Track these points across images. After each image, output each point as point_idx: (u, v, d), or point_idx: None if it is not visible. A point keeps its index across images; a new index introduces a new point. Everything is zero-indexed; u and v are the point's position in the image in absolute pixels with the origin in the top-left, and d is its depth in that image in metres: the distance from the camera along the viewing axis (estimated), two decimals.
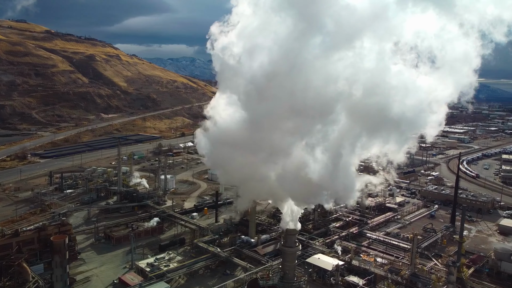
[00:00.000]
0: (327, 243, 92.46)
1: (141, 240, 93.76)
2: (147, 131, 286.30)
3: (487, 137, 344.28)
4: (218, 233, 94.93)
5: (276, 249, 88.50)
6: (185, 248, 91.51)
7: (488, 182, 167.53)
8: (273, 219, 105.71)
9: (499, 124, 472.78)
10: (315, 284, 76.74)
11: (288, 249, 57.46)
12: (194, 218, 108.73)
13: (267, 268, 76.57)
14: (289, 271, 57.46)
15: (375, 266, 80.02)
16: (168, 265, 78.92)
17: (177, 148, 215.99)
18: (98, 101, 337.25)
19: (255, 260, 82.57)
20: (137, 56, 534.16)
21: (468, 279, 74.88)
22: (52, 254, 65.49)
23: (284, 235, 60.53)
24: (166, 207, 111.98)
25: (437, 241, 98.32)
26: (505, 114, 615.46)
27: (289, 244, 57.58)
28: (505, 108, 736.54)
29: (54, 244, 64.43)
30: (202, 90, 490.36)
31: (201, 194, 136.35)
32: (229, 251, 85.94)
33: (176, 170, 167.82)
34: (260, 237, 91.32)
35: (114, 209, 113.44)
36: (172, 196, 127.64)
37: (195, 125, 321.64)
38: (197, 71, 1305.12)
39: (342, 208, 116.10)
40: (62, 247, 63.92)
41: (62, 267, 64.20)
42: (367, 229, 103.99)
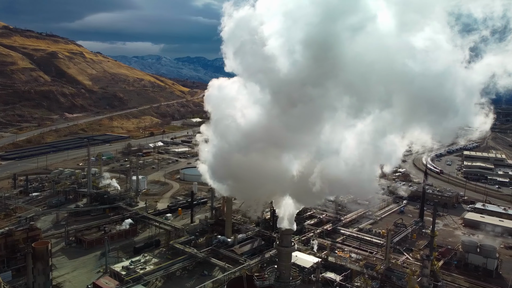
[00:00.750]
0: (303, 240, 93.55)
1: (114, 243, 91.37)
2: (115, 131, 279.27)
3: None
4: (194, 234, 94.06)
5: (253, 248, 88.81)
6: (160, 250, 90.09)
7: (452, 178, 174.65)
8: (248, 218, 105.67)
9: None
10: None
11: (284, 249, 57.48)
12: (168, 219, 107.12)
13: (245, 268, 76.77)
14: (285, 271, 57.71)
15: (350, 262, 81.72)
16: (144, 268, 77.42)
17: (147, 148, 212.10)
18: (61, 100, 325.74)
19: (232, 260, 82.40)
20: (102, 54, 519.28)
21: (439, 271, 77.72)
22: (33, 261, 62.62)
23: (279, 235, 60.43)
24: (139, 209, 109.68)
25: (408, 236, 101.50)
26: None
27: (285, 244, 57.56)
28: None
29: (36, 250, 61.72)
30: (170, 89, 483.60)
31: (174, 195, 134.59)
32: (206, 251, 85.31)
33: (147, 170, 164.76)
34: (236, 237, 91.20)
35: (84, 212, 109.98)
36: (145, 197, 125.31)
37: (164, 124, 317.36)
38: (163, 69, 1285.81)
39: (316, 206, 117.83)
40: (45, 254, 61.37)
41: (45, 274, 61.60)
42: (340, 225, 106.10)
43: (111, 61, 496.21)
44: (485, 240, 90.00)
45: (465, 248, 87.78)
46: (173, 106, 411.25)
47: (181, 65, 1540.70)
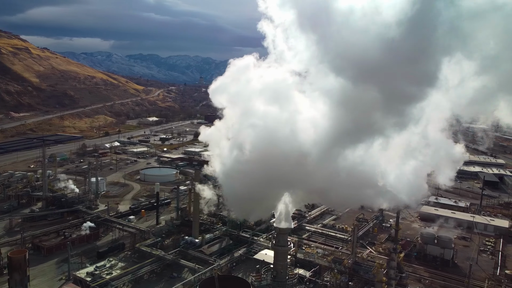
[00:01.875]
0: (270, 238, 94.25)
1: (75, 248, 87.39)
2: (67, 131, 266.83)
3: None
4: (160, 236, 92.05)
5: (222, 248, 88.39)
6: (125, 254, 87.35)
7: None
8: (215, 218, 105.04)
9: None
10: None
11: (281, 248, 57.45)
12: (132, 221, 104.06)
13: (215, 268, 76.25)
14: (282, 270, 57.75)
15: (318, 257, 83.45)
16: (110, 273, 74.72)
17: (103, 148, 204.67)
18: (6, 98, 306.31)
19: (201, 260, 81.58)
20: (49, 50, 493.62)
21: (402, 263, 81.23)
22: (9, 271, 58.37)
23: (276, 234, 60.29)
24: (101, 211, 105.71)
25: (369, 230, 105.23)
26: None
27: (281, 243, 57.55)
28: None
29: (12, 260, 57.48)
30: (124, 87, 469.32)
31: (136, 196, 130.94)
32: (174, 253, 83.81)
33: (105, 171, 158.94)
34: (204, 237, 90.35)
35: (40, 217, 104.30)
36: (104, 199, 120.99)
37: (119, 124, 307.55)
38: (114, 66, 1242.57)
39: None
40: (22, 263, 57.25)
41: (23, 285, 57.58)
42: (305, 222, 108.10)
43: (60, 58, 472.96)
44: (441, 232, 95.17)
45: (423, 240, 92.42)
46: (127, 104, 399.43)
47: (133, 63, 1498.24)
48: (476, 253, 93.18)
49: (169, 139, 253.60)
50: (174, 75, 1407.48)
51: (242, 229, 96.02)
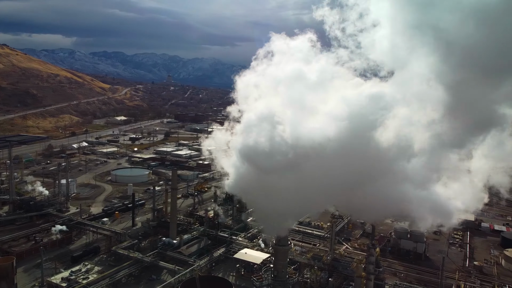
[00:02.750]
0: (249, 237, 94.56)
1: (47, 253, 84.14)
2: (30, 131, 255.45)
3: None
4: (137, 238, 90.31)
5: (201, 248, 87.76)
6: (101, 257, 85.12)
7: None
8: (192, 218, 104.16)
9: None
10: (244, 278, 78.08)
11: (282, 247, 57.33)
12: (106, 223, 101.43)
13: (195, 269, 75.71)
14: (283, 270, 57.71)
15: (296, 255, 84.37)
16: (87, 278, 72.70)
17: (71, 148, 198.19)
18: None
19: (180, 261, 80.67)
20: (8, 46, 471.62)
21: (379, 258, 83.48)
22: None
23: (276, 234, 60.07)
24: (72, 214, 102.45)
25: (345, 227, 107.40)
26: None
27: (282, 243, 57.43)
28: None
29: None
30: (89, 85, 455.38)
31: (108, 198, 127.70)
32: (152, 255, 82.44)
33: (74, 173, 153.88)
34: (182, 238, 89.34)
35: (7, 221, 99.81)
36: (75, 202, 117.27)
37: (85, 123, 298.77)
38: (77, 64, 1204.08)
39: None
40: (10, 271, 54.43)
41: None
42: None
43: (20, 55, 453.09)
44: (414, 226, 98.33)
45: (397, 234, 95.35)
46: (94, 103, 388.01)
47: (98, 60, 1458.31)
48: (446, 246, 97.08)
49: (139, 139, 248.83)
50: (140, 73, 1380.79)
51: (220, 229, 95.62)
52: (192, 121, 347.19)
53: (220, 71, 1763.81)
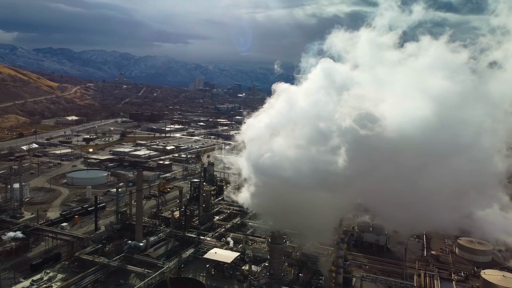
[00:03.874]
0: (216, 236, 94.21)
1: (3, 262, 79.24)
2: None
3: None
4: (101, 242, 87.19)
5: (168, 250, 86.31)
6: (62, 264, 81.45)
7: None
8: (157, 220, 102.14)
9: None
10: (214, 278, 77.85)
11: (277, 246, 57.30)
12: (65, 228, 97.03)
13: (165, 271, 74.46)
14: (279, 268, 57.50)
15: (265, 252, 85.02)
16: (50, 286, 69.43)
17: (19, 151, 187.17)
18: None
19: (149, 264, 78.92)
20: None
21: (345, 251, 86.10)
22: None
23: (271, 233, 59.85)
24: (28, 220, 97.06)
25: None
26: None
27: (277, 241, 57.44)
28: None
29: None
30: (36, 84, 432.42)
31: (65, 201, 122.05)
32: (118, 259, 79.99)
33: (25, 176, 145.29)
34: (149, 240, 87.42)
35: None
36: (30, 207, 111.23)
37: (33, 124, 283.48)
38: (20, 61, 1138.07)
39: (221, 201, 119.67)
40: None
41: None
42: (248, 218, 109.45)
43: None
44: (375, 220, 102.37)
45: (360, 228, 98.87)
46: (41, 103, 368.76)
47: (42, 57, 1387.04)
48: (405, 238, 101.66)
49: (94, 139, 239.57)
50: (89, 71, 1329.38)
51: (187, 229, 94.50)
52: (148, 120, 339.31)
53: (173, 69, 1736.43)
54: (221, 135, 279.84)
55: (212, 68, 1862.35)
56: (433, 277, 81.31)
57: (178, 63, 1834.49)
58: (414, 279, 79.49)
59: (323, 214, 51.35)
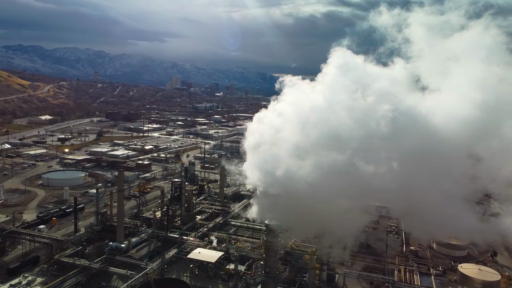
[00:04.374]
0: (199, 236, 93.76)
1: None
2: None
3: None
4: (81, 244, 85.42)
5: (151, 251, 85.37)
6: (41, 267, 79.33)
7: None
8: (138, 220, 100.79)
9: None
10: (199, 278, 77.46)
11: (273, 244, 57.38)
12: (42, 231, 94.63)
13: (148, 272, 73.74)
14: (275, 266, 57.32)
15: (248, 251, 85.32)
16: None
17: None
18: None
19: (131, 265, 77.84)
20: None
21: None
22: None
23: (267, 231, 59.66)
24: (4, 223, 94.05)
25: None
26: None
27: (273, 239, 57.76)
28: None
29: None
30: (6, 82, 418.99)
31: (41, 203, 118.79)
32: (100, 261, 78.55)
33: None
34: (130, 241, 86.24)
35: None
36: (5, 209, 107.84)
37: (4, 123, 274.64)
38: None
39: (203, 200, 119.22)
40: None
41: None
42: (230, 217, 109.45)
43: None
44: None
45: None
46: (12, 102, 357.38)
47: (12, 54, 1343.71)
48: (385, 234, 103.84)
49: (69, 139, 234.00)
50: (62, 69, 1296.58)
51: (169, 230, 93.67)
52: (125, 119, 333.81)
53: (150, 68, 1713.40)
54: (200, 134, 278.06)
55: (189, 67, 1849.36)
56: (412, 272, 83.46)
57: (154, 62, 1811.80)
58: (395, 274, 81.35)
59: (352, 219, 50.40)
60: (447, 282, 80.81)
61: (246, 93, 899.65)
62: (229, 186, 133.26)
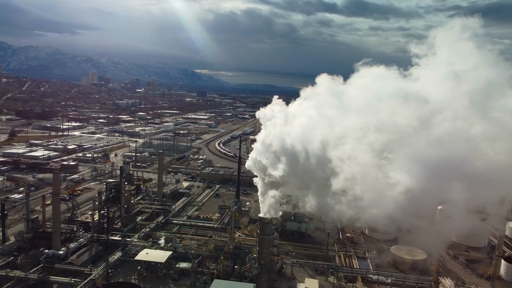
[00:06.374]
0: (142, 237, 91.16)
1: None
2: None
3: (227, 122, 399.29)
4: (12, 254, 78.43)
5: (93, 256, 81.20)
6: None
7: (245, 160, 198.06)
8: (74, 225, 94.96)
9: (231, 110, 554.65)
10: (148, 280, 75.46)
11: (266, 237, 57.12)
12: None
13: (94, 278, 70.34)
14: (268, 258, 56.57)
15: (195, 248, 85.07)
16: None
17: None
18: None
19: (73, 273, 73.40)
20: None
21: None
22: None
23: (260, 224, 59.41)
24: None
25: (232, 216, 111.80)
26: (232, 102, 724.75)
27: (267, 232, 57.62)
28: (230, 96, 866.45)
29: None
30: None
31: None
32: (37, 270, 72.93)
33: None
34: (69, 247, 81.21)
35: None
36: None
37: None
38: None
39: (141, 200, 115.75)
40: None
41: None
42: (171, 216, 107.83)
43: None
44: (296, 209, 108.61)
45: (283, 217, 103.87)
46: None
47: None
48: (322, 224, 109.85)
49: None
50: None
51: (110, 233, 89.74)
52: (40, 117, 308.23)
53: (60, 62, 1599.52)
54: (126, 132, 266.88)
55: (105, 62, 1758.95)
56: (351, 257, 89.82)
57: (66, 55, 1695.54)
58: (336, 260, 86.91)
59: None
60: (381, 264, 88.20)
61: (169, 89, 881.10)
62: (166, 185, 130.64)
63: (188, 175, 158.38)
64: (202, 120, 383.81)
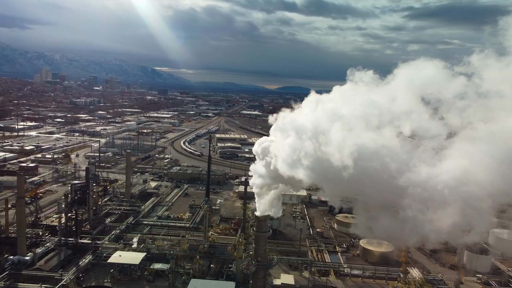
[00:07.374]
0: (113, 239, 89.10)
1: None
2: None
3: (190, 120, 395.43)
4: None
5: (62, 260, 78.50)
6: None
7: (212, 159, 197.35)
8: (40, 229, 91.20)
9: (194, 108, 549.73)
10: (121, 283, 73.96)
11: (262, 234, 58.11)
12: None
13: (66, 283, 68.16)
14: (265, 254, 55.87)
15: (168, 248, 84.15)
16: None
17: None
18: None
19: (42, 279, 70.64)
20: None
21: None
22: None
23: (256, 222, 60.22)
24: None
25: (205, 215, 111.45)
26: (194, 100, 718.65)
27: (262, 230, 58.49)
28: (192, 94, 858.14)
29: None
30: None
31: None
32: (2, 278, 69.61)
33: None
34: (35, 252, 78.05)
35: None
36: None
37: None
38: None
39: (108, 202, 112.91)
40: None
41: None
42: (141, 217, 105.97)
43: None
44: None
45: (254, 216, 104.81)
46: None
47: None
48: (292, 220, 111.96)
49: None
50: None
51: (79, 236, 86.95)
52: None
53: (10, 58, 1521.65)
54: (86, 132, 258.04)
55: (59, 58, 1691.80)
56: (322, 251, 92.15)
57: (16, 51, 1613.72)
58: (308, 255, 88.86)
59: None
60: (352, 257, 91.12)
61: (129, 87, 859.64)
62: (133, 185, 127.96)
63: (155, 175, 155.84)
64: (165, 119, 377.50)
